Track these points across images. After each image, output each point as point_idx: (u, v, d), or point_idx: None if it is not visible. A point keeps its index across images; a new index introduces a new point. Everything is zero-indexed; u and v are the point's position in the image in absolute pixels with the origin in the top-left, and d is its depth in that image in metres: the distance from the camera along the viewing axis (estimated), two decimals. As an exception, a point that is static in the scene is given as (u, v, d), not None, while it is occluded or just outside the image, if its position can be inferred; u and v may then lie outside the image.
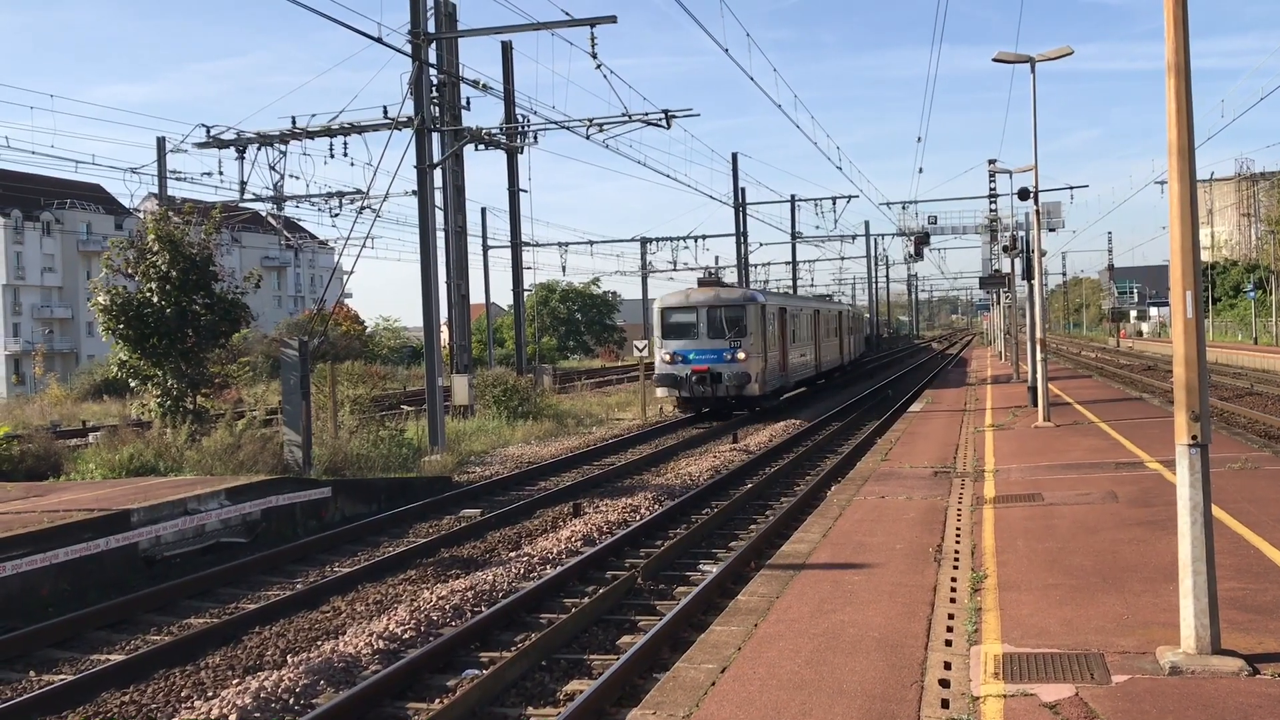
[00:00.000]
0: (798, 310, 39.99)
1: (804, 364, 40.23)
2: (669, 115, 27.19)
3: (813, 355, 42.44)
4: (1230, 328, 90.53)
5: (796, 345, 38.50)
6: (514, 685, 8.99)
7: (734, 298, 32.87)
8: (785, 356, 36.16)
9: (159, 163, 33.57)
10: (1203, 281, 7.48)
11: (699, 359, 31.52)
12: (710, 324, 31.82)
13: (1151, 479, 15.13)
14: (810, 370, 41.94)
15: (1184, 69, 7.05)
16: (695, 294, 33.09)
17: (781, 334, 35.78)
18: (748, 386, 31.32)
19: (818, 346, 43.66)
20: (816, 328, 43.60)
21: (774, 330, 34.42)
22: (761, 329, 32.35)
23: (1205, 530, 7.08)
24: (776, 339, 34.84)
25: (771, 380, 33.47)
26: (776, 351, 34.83)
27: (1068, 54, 23.98)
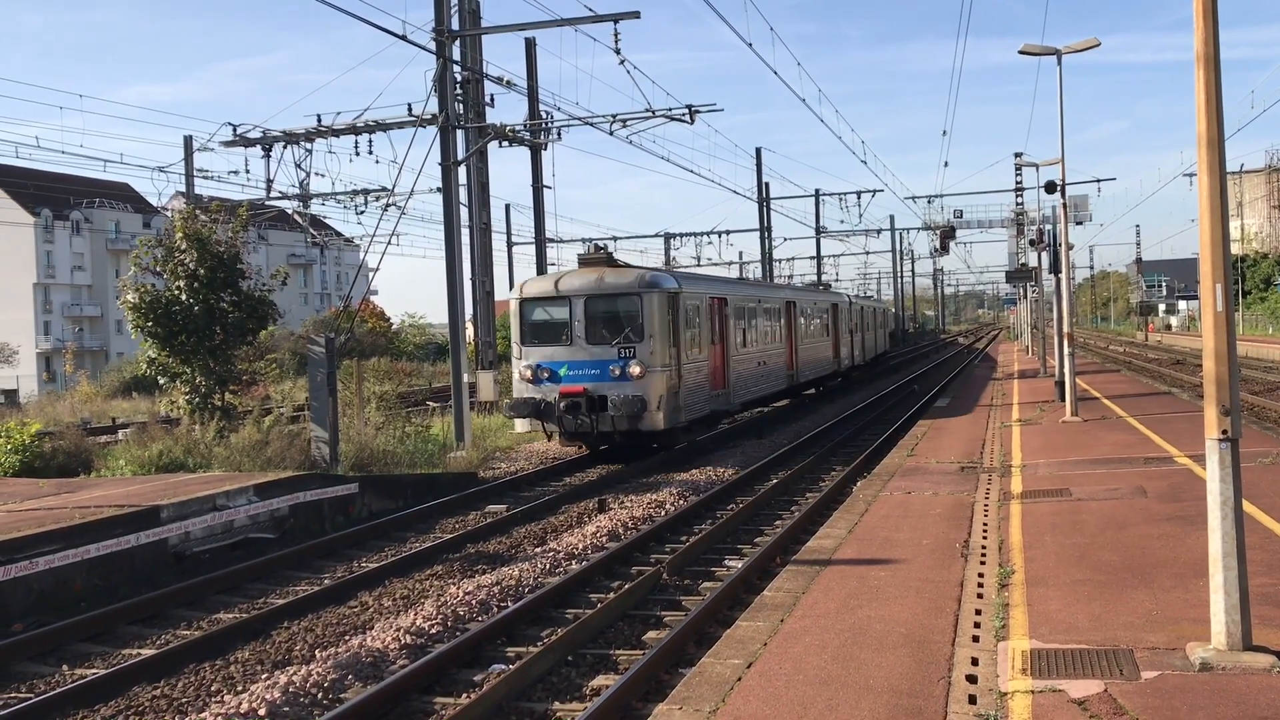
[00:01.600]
0: (751, 302, 29.01)
1: (764, 375, 29.47)
2: (692, 110, 27.15)
3: (783, 361, 31.93)
4: (1261, 321, 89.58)
5: (749, 351, 28.10)
6: (540, 680, 9.02)
7: (625, 283, 21.78)
8: (723, 369, 25.60)
9: (186, 161, 33.82)
10: (1232, 274, 7.41)
11: (573, 376, 21.39)
12: (590, 323, 21.65)
13: (1181, 474, 15.00)
14: (777, 382, 31.16)
15: (1213, 60, 6.98)
16: (570, 277, 22.30)
17: (720, 337, 25.53)
18: (645, 417, 20.85)
19: (794, 350, 33.46)
20: (790, 326, 33.16)
21: (697, 332, 23.66)
22: (669, 329, 21.73)
23: (1236, 525, 7.02)
24: (703, 344, 24.03)
25: (691, 405, 22.80)
26: (704, 363, 24.07)
27: (1094, 46, 23.79)
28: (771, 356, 30.42)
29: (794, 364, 33.34)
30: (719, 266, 67.47)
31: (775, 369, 30.82)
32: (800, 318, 34.54)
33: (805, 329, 35.43)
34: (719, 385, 25.22)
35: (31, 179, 78.64)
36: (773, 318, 30.93)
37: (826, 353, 39.25)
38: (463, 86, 26.71)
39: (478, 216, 29.86)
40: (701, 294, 24.45)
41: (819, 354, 37.77)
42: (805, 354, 35.06)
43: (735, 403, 26.64)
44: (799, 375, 33.94)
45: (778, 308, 31.76)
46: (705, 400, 23.94)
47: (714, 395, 24.80)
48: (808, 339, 35.72)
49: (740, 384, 26.95)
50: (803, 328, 34.94)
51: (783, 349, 31.88)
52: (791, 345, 33.18)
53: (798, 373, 33.77)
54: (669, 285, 22.21)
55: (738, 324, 26.71)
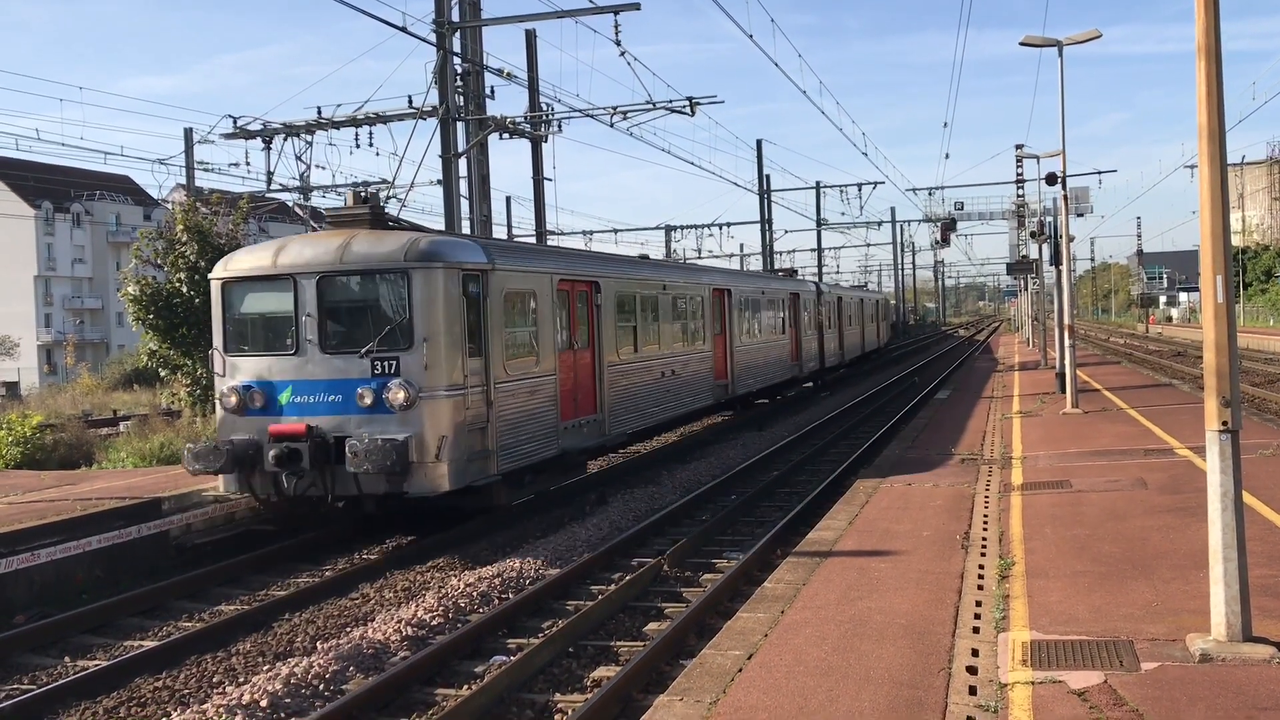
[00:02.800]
0: (645, 288, 20.85)
1: (672, 388, 21.84)
2: (693, 102, 27.08)
3: (708, 368, 24.42)
4: (1261, 313, 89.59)
5: (644, 356, 20.36)
6: (542, 671, 9.04)
7: (383, 253, 13.71)
8: (592, 385, 17.83)
9: (186, 154, 33.78)
10: (1233, 266, 7.41)
11: (298, 406, 13.60)
12: (328, 318, 13.80)
13: (1181, 466, 15.01)
14: (697, 396, 23.51)
15: (1214, 51, 6.97)
16: (299, 246, 14.36)
17: (588, 338, 17.87)
18: (414, 472, 12.99)
19: (727, 353, 26.10)
20: (724, 321, 26.02)
21: (535, 332, 15.72)
22: (465, 329, 13.82)
23: (1236, 517, 7.03)
24: (545, 349, 15.86)
25: (520, 445, 14.84)
26: (547, 379, 15.89)
27: (1096, 37, 23.75)
28: (689, 363, 22.74)
29: (728, 370, 25.98)
30: (720, 259, 67.42)
31: (695, 379, 23.14)
32: (737, 311, 27.07)
33: (748, 325, 28.27)
34: (583, 409, 17.28)
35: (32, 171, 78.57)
36: (689, 311, 23.28)
37: (780, 354, 31.92)
38: (463, 78, 26.66)
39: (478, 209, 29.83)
40: (539, 275, 15.89)
41: (769, 356, 30.49)
42: (746, 356, 27.76)
43: (615, 432, 18.54)
44: (736, 384, 26.39)
45: (698, 296, 23.99)
46: (550, 435, 15.73)
47: (571, 426, 16.64)
48: (750, 337, 28.43)
49: (626, 404, 18.97)
50: (744, 324, 27.75)
51: (708, 352, 24.39)
52: (725, 346, 25.94)
53: (734, 381, 26.21)
54: (462, 258, 13.81)
55: (622, 320, 19.21)
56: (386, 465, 12.54)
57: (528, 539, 14.35)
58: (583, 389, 17.47)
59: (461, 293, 13.75)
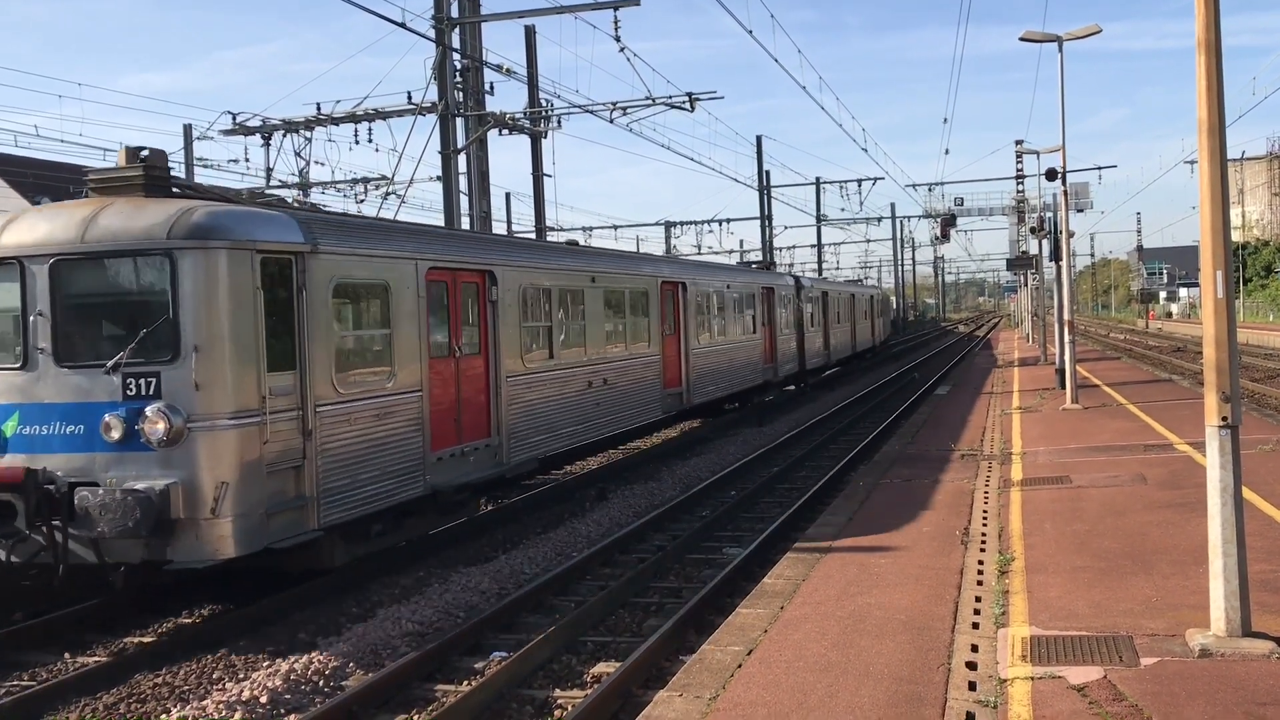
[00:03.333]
0: (569, 279, 17.33)
1: (605, 401, 18.19)
2: (693, 98, 27.06)
3: (654, 374, 20.75)
4: (1261, 308, 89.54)
5: (562, 364, 16.64)
6: (542, 667, 9.05)
7: (140, 229, 9.78)
8: (487, 400, 14.28)
9: (186, 150, 33.79)
10: (1233, 262, 7.41)
11: (24, 439, 9.88)
12: (67, 318, 10.00)
13: (1181, 461, 15.01)
14: (641, 408, 19.94)
15: (1214, 46, 6.97)
16: (33, 219, 10.45)
17: (480, 341, 14.32)
18: (181, 534, 9.48)
19: (683, 356, 22.62)
20: (678, 319, 22.53)
21: (389, 336, 12.15)
22: (249, 330, 9.95)
23: (1236, 512, 7.03)
24: (403, 357, 12.30)
25: (363, 488, 11.33)
26: (411, 396, 12.33)
27: (1096, 33, 23.73)
28: (628, 370, 19.12)
29: (683, 376, 22.54)
30: (720, 255, 67.39)
31: (637, 388, 19.48)
32: (695, 307, 23.51)
33: (709, 324, 24.64)
34: (470, 433, 13.61)
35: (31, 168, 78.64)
36: (629, 308, 19.62)
37: (751, 356, 28.19)
38: (462, 74, 26.64)
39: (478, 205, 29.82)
40: (394, 261, 12.19)
41: (736, 358, 26.66)
42: (707, 360, 23.97)
43: (518, 459, 14.62)
44: (693, 392, 22.87)
45: (642, 290, 20.31)
46: (412, 470, 12.17)
47: (448, 457, 12.90)
48: (712, 338, 24.78)
49: (535, 423, 15.16)
50: (703, 322, 24.19)
51: (655, 356, 20.67)
52: (679, 349, 22.41)
53: (690, 389, 22.74)
54: (260, 234, 10.26)
55: (531, 319, 15.45)
56: (129, 528, 9.02)
57: (528, 535, 14.35)
58: (470, 407, 13.65)
59: (258, 283, 10.00)
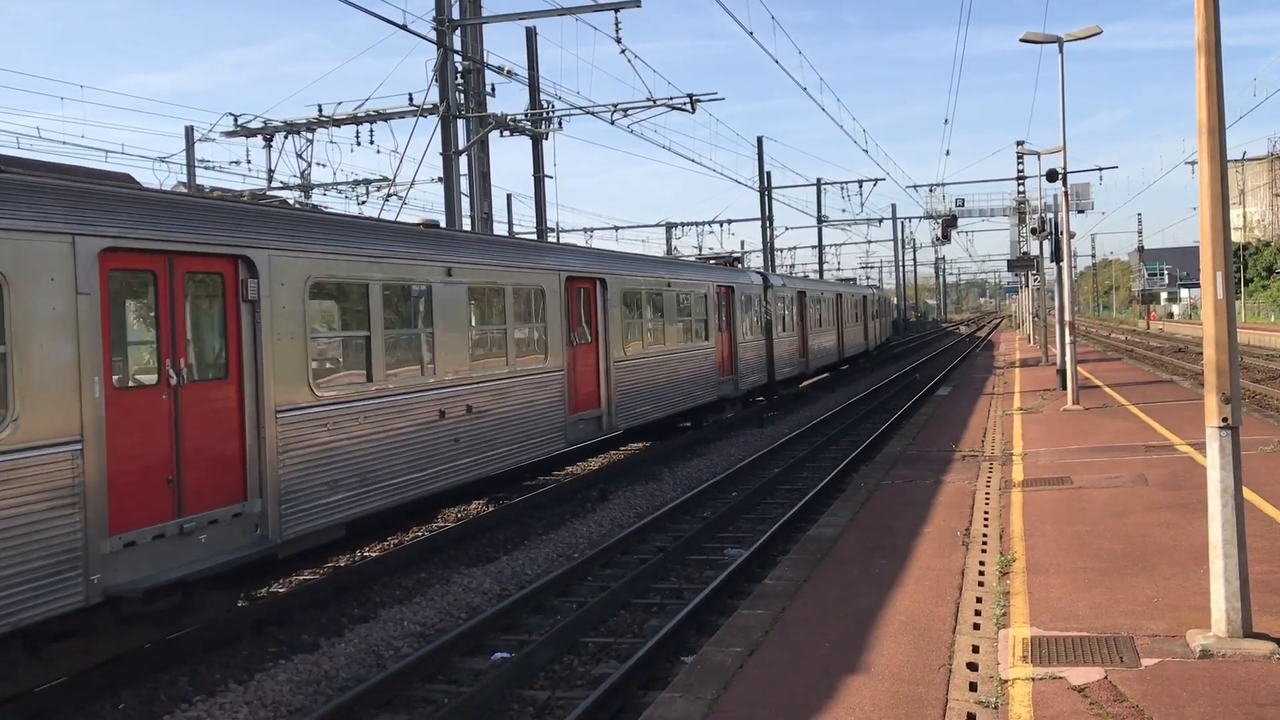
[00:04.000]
0: (425, 277, 13.32)
1: (446, 439, 13.33)
2: (694, 99, 27.09)
3: (555, 394, 16.53)
4: (1262, 309, 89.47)
5: (402, 384, 12.56)
6: (543, 668, 9.06)
7: None
8: (240, 448, 9.89)
9: (188, 152, 33.79)
10: (1234, 262, 7.43)
11: None
12: None
13: (1182, 462, 15.01)
14: (540, 440, 15.97)
15: (1214, 47, 6.98)
16: None
17: (234, 362, 9.95)
18: None
19: (603, 372, 18.65)
20: (595, 324, 18.60)
21: None
22: None
23: (1236, 513, 7.04)
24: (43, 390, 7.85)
25: None
26: (54, 457, 7.85)
27: (1096, 34, 23.73)
28: (507, 393, 14.84)
29: (603, 395, 18.51)
30: (720, 256, 67.30)
31: (523, 415, 15.28)
32: (619, 309, 19.37)
33: (640, 329, 20.67)
34: (205, 497, 9.57)
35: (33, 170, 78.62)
36: (512, 310, 15.33)
37: (701, 367, 23.86)
38: (463, 76, 26.67)
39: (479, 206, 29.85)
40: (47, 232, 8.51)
41: (679, 370, 22.40)
42: (637, 374, 19.97)
43: (299, 528, 10.55)
44: (616, 414, 18.77)
45: (531, 289, 15.95)
46: (48, 574, 8.00)
47: (142, 541, 8.86)
48: (646, 345, 20.72)
49: (342, 473, 11.20)
50: (632, 327, 20.20)
51: (557, 371, 16.44)
52: (598, 361, 18.44)
53: (613, 411, 18.66)
54: None
55: (336, 327, 12.05)
56: None
57: (530, 536, 14.37)
58: (204, 462, 9.46)
59: None
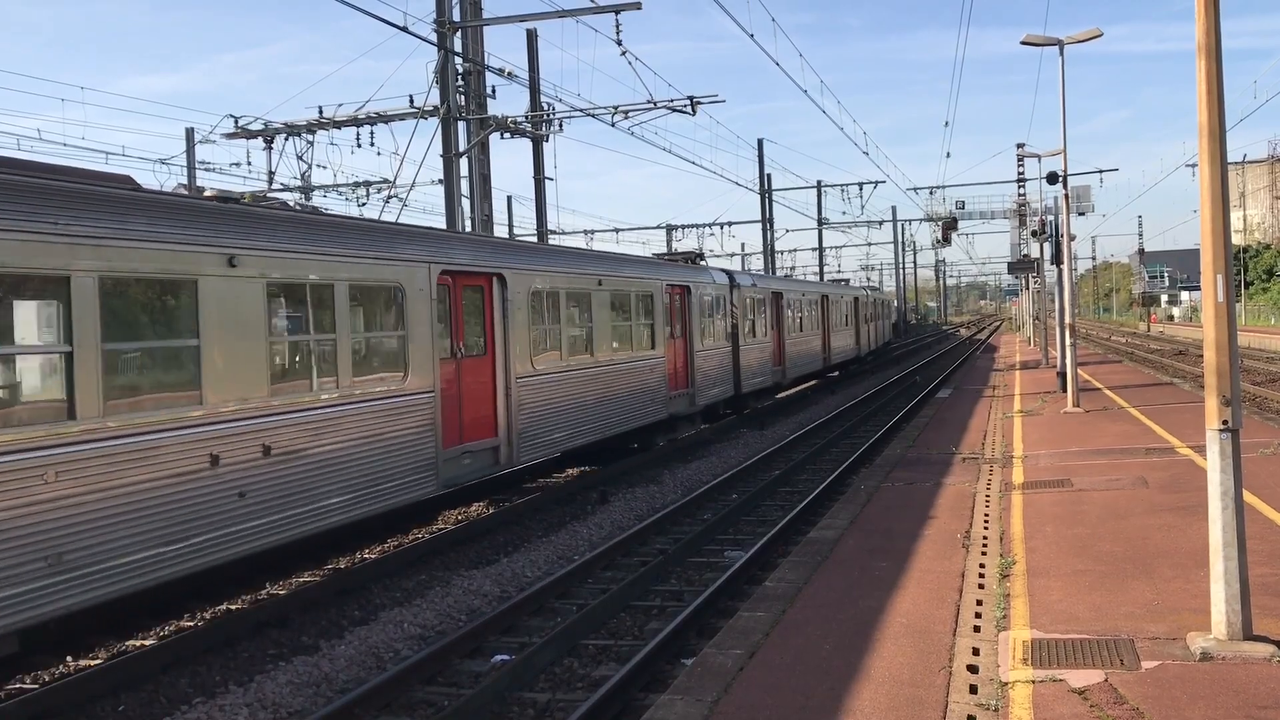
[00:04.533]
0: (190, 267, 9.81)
1: (253, 488, 10.33)
2: (694, 101, 27.12)
3: (388, 432, 12.46)
4: (1262, 312, 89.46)
5: (116, 427, 8.85)
6: (543, 670, 9.06)
7: None
8: None
9: (188, 153, 33.81)
10: (1234, 265, 7.44)
11: None
12: None
13: (1182, 464, 15.01)
14: (399, 484, 12.61)
15: (1215, 50, 6.98)
16: None
17: None
18: None
19: (503, 392, 15.28)
20: (478, 331, 14.98)
21: None
22: None
23: (1236, 516, 7.04)
24: None
25: None
26: None
27: (1097, 36, 23.75)
28: (334, 425, 11.56)
29: (502, 420, 15.15)
30: (722, 258, 67.35)
31: (366, 453, 12.04)
32: (529, 314, 15.96)
33: (561, 338, 17.14)
34: None
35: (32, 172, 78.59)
36: (336, 314, 11.88)
37: (646, 380, 20.55)
38: (464, 78, 26.69)
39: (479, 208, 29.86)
40: None
41: (618, 385, 19.17)
42: (555, 392, 16.62)
43: None
44: (521, 445, 15.43)
45: (386, 287, 12.80)
46: None
47: None
48: (570, 358, 17.33)
49: (53, 554, 8.25)
50: (548, 336, 16.70)
51: (419, 391, 13.08)
52: (494, 377, 15.08)
53: (517, 441, 15.29)
54: None
55: (47, 339, 8.73)
56: None
57: (530, 538, 14.37)
58: None
59: None
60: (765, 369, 29.91)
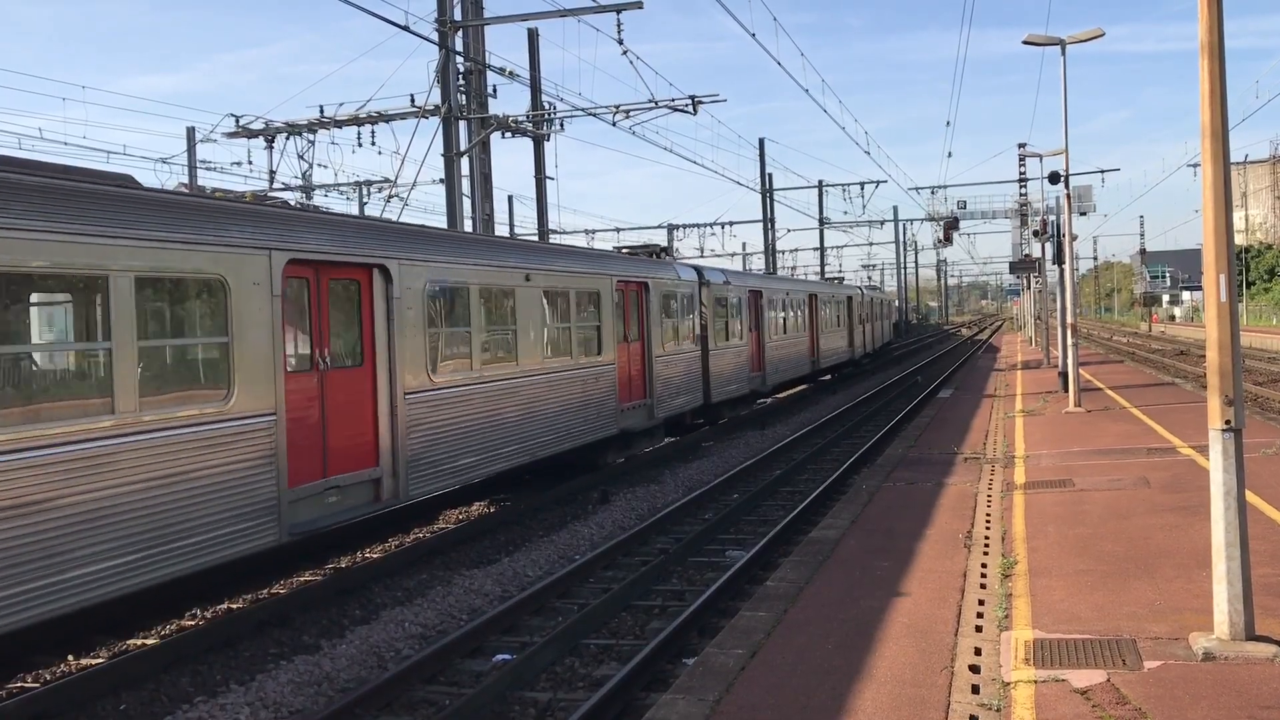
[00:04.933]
0: None
1: None
2: (696, 101, 27.12)
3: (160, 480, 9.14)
4: (1265, 312, 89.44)
5: None
6: (544, 670, 9.05)
7: None
8: None
9: (189, 153, 33.83)
10: (1236, 265, 7.44)
11: None
12: None
13: (1184, 464, 15.00)
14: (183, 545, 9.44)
15: (1217, 49, 6.97)
16: None
17: None
18: None
19: (382, 414, 12.26)
20: (351, 337, 12.14)
21: None
22: None
23: (1239, 515, 7.03)
24: None
25: None
26: None
27: (1098, 36, 23.74)
28: (146, 461, 8.93)
29: (382, 444, 12.36)
30: (723, 258, 67.33)
31: (181, 495, 9.30)
32: (421, 312, 13.15)
33: (465, 341, 14.29)
34: None
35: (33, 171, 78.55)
36: (158, 319, 9.51)
37: (592, 393, 17.90)
38: (465, 77, 26.69)
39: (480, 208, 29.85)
40: None
41: (549, 401, 16.33)
42: (460, 411, 13.87)
43: None
44: (408, 474, 12.61)
45: (188, 282, 9.79)
46: None
47: None
48: (476, 365, 14.41)
49: None
50: (441, 339, 13.70)
51: (256, 415, 10.29)
52: (375, 396, 12.35)
53: (402, 470, 12.45)
54: None
55: None
56: None
57: (532, 538, 14.36)
58: None
59: None
60: (741, 375, 27.65)
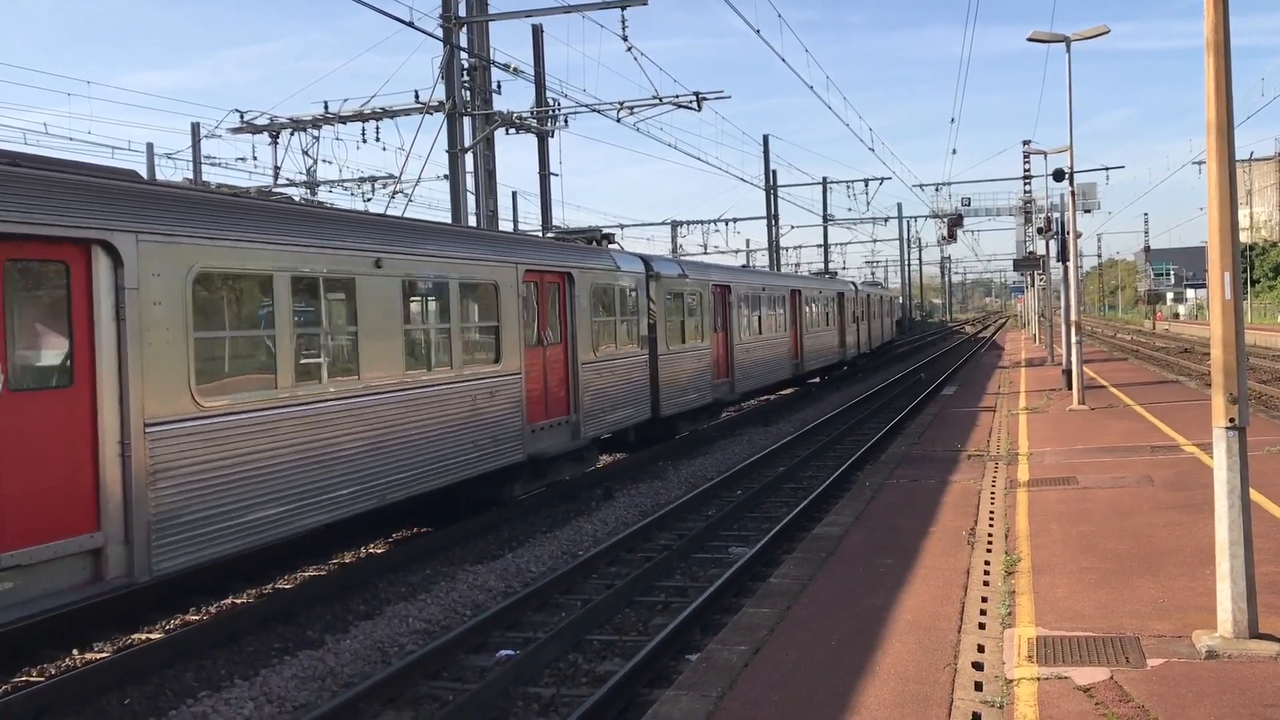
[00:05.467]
0: None
1: None
2: (700, 97, 27.08)
3: None
4: (1269, 309, 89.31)
5: None
6: (548, 665, 9.06)
7: None
8: None
9: (194, 148, 33.84)
10: (1241, 263, 7.42)
11: None
12: None
13: (1188, 462, 14.99)
14: None
15: (1223, 46, 6.96)
16: None
17: None
18: None
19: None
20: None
21: None
22: None
23: (1243, 514, 7.03)
24: None
25: None
26: None
27: (1103, 33, 23.69)
28: None
29: (110, 498, 8.44)
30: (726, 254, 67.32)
31: None
32: (179, 311, 9.21)
33: (254, 350, 10.53)
34: None
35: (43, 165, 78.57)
36: None
37: (488, 411, 14.36)
38: (470, 73, 26.69)
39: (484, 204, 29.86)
40: None
41: (401, 427, 12.36)
42: (251, 449, 9.99)
43: None
44: (141, 548, 8.59)
45: None
46: None
47: None
48: (276, 384, 10.40)
49: None
50: (232, 350, 10.20)
51: None
52: (97, 431, 8.41)
53: (134, 539, 8.52)
54: None
55: None
56: None
57: (534, 534, 14.37)
58: None
59: None
60: (702, 383, 23.88)
